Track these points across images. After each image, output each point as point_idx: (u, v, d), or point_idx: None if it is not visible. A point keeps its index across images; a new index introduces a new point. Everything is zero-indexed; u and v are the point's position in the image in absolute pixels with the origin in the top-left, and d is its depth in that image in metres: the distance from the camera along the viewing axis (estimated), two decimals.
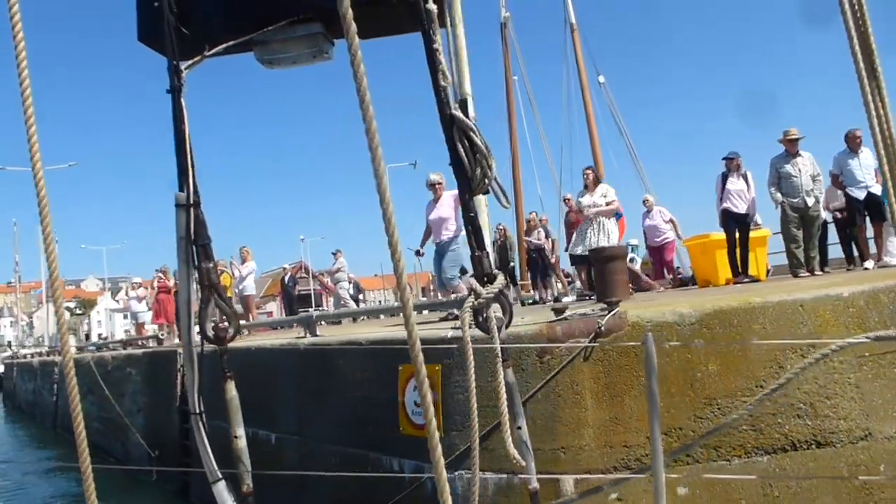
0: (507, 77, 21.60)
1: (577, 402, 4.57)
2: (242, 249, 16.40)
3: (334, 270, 18.31)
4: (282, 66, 2.61)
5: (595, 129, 20.36)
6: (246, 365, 8.40)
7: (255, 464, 2.37)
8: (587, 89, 20.74)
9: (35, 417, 24.63)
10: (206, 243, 2.38)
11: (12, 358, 35.76)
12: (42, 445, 19.53)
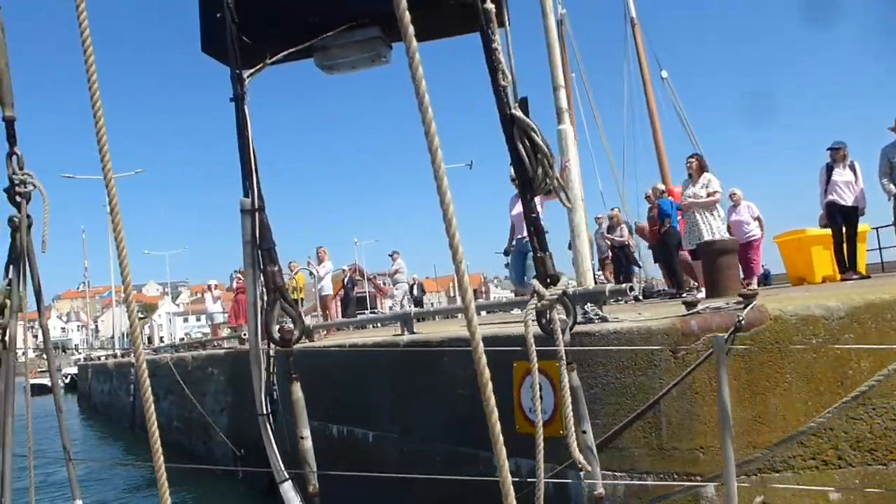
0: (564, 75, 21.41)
1: (717, 399, 4.40)
2: (319, 249, 16.53)
3: (392, 272, 18.43)
4: (341, 71, 2.64)
5: (658, 125, 19.90)
6: (340, 363, 8.46)
7: (351, 462, 2.35)
8: (649, 85, 20.28)
9: (111, 418, 25.44)
10: (270, 247, 2.42)
11: (87, 360, 37.10)
12: (120, 445, 20.19)
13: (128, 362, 24.11)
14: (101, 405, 28.84)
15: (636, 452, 4.42)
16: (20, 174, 2.66)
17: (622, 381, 4.54)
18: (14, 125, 2.70)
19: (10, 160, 2.67)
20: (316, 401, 9.73)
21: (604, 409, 4.56)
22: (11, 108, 2.67)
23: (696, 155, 10.36)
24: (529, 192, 2.12)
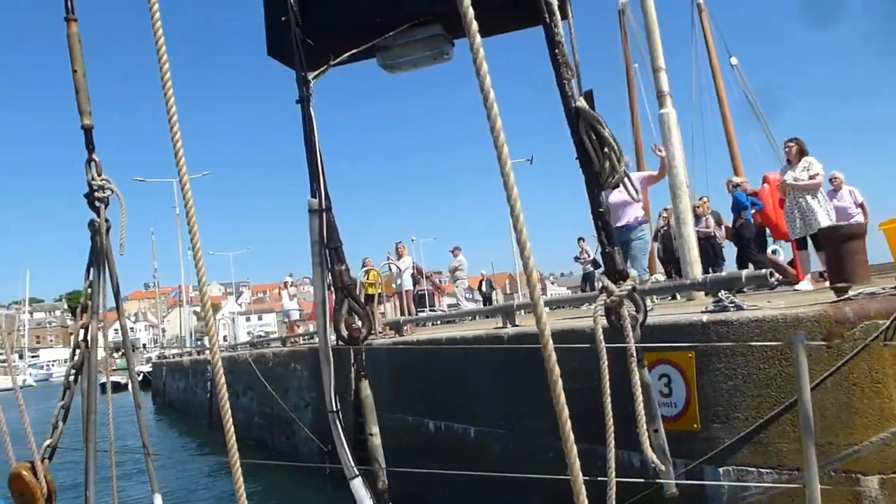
0: (627, 66, 20.95)
1: (878, 391, 4.12)
2: (398, 245, 16.60)
3: (453, 268, 18.41)
4: (403, 69, 2.65)
5: (729, 114, 19.27)
6: (435, 357, 8.35)
7: (450, 459, 2.27)
8: (718, 73, 19.65)
9: (188, 414, 26.11)
10: (337, 246, 2.45)
11: (160, 358, 38.31)
12: (198, 440, 20.74)
13: (204, 360, 24.64)
14: (176, 402, 29.59)
15: (784, 447, 4.23)
16: (99, 180, 2.76)
17: (766, 373, 4.36)
18: (92, 133, 2.81)
19: (89, 167, 2.78)
20: (410, 396, 9.74)
21: (745, 401, 4.40)
22: (89, 116, 2.77)
23: (795, 139, 9.78)
24: (596, 186, 2.09)
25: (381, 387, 10.75)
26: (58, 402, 3.02)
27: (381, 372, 10.91)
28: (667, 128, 8.72)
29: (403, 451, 9.44)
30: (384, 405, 10.45)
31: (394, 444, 10.79)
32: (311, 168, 2.43)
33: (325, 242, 2.42)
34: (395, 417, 9.95)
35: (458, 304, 17.68)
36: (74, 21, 2.74)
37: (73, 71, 2.71)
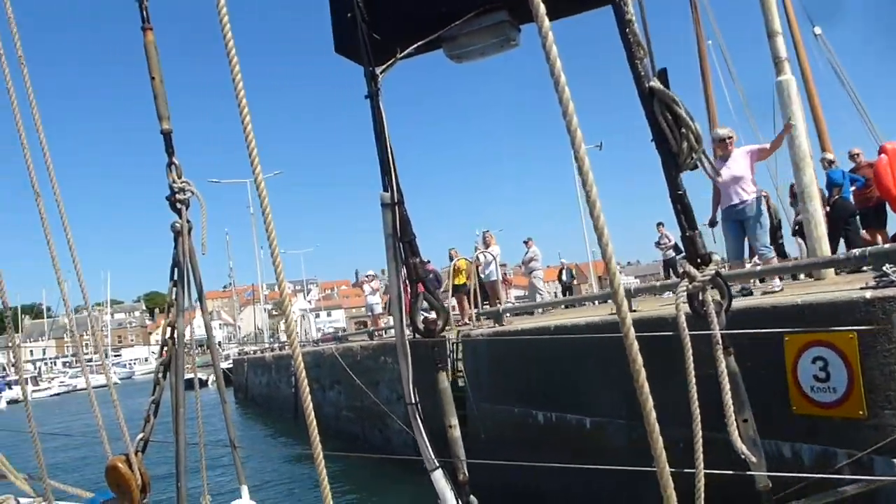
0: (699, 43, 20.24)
1: None
2: (486, 234, 16.35)
3: (528, 259, 18.21)
4: (470, 59, 2.63)
5: (813, 87, 18.31)
6: (543, 346, 8.13)
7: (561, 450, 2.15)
8: (801, 45, 18.65)
9: (272, 408, 26.73)
10: (411, 239, 2.45)
11: (241, 354, 39.43)
12: (283, 433, 21.26)
13: (287, 355, 25.07)
14: (259, 397, 30.24)
15: None
16: (179, 182, 2.84)
17: None
18: (171, 137, 2.89)
19: (170, 170, 2.86)
20: (514, 386, 9.63)
21: None
22: (168, 121, 2.86)
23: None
24: (674, 168, 2.02)
25: (481, 378, 10.70)
26: (148, 397, 3.14)
27: (482, 363, 10.77)
28: (786, 95, 8.29)
29: (507, 442, 9.38)
30: (485, 396, 10.36)
31: (497, 435, 10.69)
32: (382, 162, 2.44)
33: (398, 236, 2.43)
34: (499, 409, 9.82)
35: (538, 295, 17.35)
36: (150, 30, 2.82)
37: (150, 78, 2.79)
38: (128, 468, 2.88)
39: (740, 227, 7.69)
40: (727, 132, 7.93)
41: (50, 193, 2.91)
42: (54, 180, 2.89)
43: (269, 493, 12.68)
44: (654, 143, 2.03)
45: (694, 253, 2.02)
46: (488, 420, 10.17)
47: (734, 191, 7.55)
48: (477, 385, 10.66)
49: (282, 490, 12.92)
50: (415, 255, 2.44)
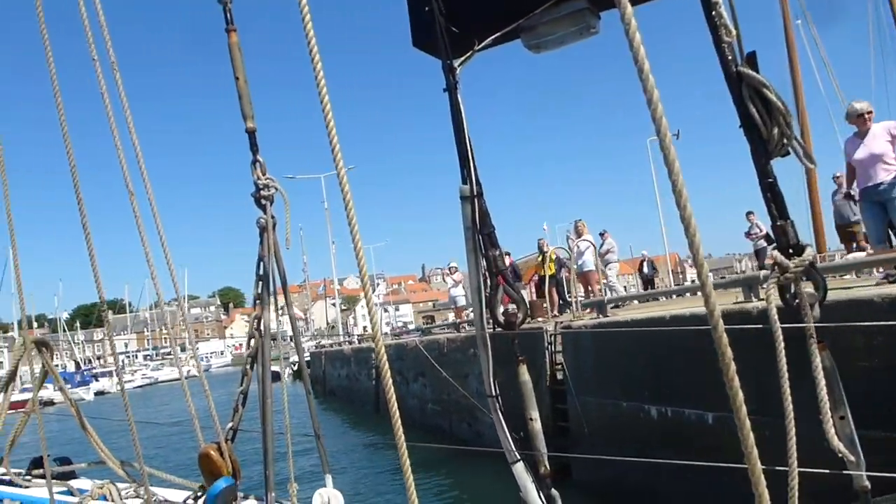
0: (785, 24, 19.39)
1: None
2: (578, 223, 16.02)
3: (604, 252, 17.90)
4: (549, 48, 2.60)
5: None
6: (651, 338, 7.96)
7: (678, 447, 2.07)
8: None
9: (353, 401, 27.12)
10: (490, 231, 2.45)
11: (318, 347, 40.20)
12: (365, 425, 21.58)
13: (367, 348, 25.27)
14: (338, 389, 30.69)
15: None
16: (264, 179, 2.93)
17: None
18: (255, 135, 2.98)
19: (255, 167, 2.95)
20: (623, 379, 9.30)
21: None
22: (252, 119, 2.94)
23: None
24: (764, 155, 1.94)
25: (584, 371, 10.41)
26: (228, 388, 3.25)
27: (585, 355, 10.50)
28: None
29: (614, 438, 9.12)
30: (589, 390, 10.08)
31: (603, 430, 10.42)
32: (460, 155, 2.44)
33: (478, 228, 2.43)
34: (605, 403, 9.57)
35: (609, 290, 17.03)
36: (234, 31, 2.91)
37: (235, 78, 2.88)
38: (219, 455, 2.99)
39: (882, 209, 7.18)
40: (865, 106, 7.39)
41: (143, 192, 3.05)
42: (147, 179, 3.03)
43: (353, 481, 12.92)
44: (742, 129, 1.96)
45: (786, 243, 1.94)
46: (593, 415, 9.89)
47: (874, 170, 7.06)
48: (579, 378, 10.39)
49: (365, 479, 13.16)
50: (494, 247, 2.43)
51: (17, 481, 4.23)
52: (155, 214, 3.08)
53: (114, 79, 2.98)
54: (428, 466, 12.72)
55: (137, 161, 3.00)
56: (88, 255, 3.26)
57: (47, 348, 4.45)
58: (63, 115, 3.01)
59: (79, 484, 4.14)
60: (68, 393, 4.62)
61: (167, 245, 3.14)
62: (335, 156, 1.86)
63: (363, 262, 2.09)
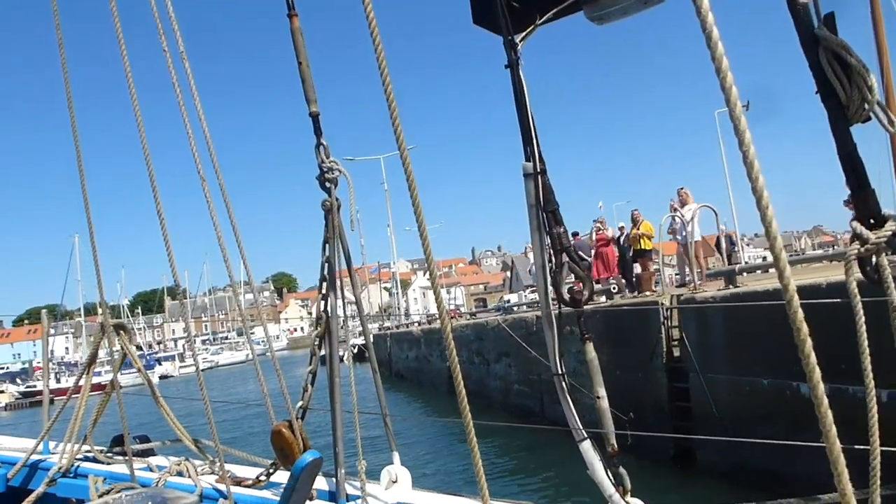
0: None
1: None
2: (681, 191, 15.06)
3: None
4: (613, 19, 2.53)
5: None
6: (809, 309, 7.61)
7: (847, 427, 1.88)
8: None
9: (422, 383, 26.89)
10: (554, 209, 2.42)
11: (381, 329, 40.49)
12: (437, 407, 21.48)
13: (439, 329, 25.03)
14: (406, 371, 30.59)
15: None
16: (328, 162, 2.97)
17: None
18: (318, 119, 3.01)
19: (318, 150, 2.99)
20: (761, 355, 8.60)
21: None
22: (315, 104, 2.98)
23: None
24: (843, 121, 1.85)
25: (711, 346, 9.84)
26: (296, 370, 3.33)
27: (712, 329, 9.92)
28: None
29: (753, 418, 8.66)
30: (717, 367, 9.53)
31: (736, 410, 9.79)
32: (523, 132, 2.42)
33: (541, 206, 2.40)
34: (740, 381, 9.04)
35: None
36: (296, 16, 2.94)
37: (298, 63, 2.92)
38: (290, 433, 3.07)
39: None
40: None
41: (214, 179, 3.13)
42: (217, 166, 3.11)
43: (421, 460, 13.06)
44: (818, 94, 1.87)
45: (866, 213, 1.85)
46: (723, 393, 9.39)
47: None
48: (705, 355, 9.89)
49: (432, 458, 13.26)
50: (558, 224, 2.41)
51: (100, 458, 4.44)
52: (226, 200, 3.16)
53: (183, 68, 3.06)
54: (535, 451, 12.54)
55: (208, 147, 3.08)
56: (164, 242, 3.37)
57: (125, 332, 4.64)
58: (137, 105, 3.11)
59: (157, 461, 4.33)
60: (147, 374, 4.82)
61: (239, 230, 3.22)
62: (398, 136, 1.87)
63: (428, 243, 2.09)
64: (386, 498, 3.27)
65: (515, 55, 2.41)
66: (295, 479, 2.14)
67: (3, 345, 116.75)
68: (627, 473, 2.51)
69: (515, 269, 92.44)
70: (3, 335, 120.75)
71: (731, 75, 1.51)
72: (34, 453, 4.44)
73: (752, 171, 1.50)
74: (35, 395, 48.70)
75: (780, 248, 1.54)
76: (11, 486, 4.32)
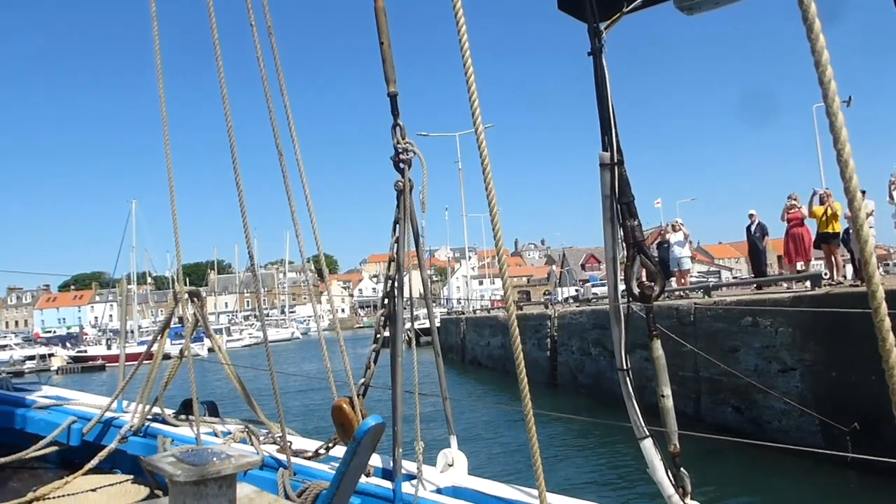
0: None
1: None
2: None
3: None
4: (704, 9, 2.46)
5: None
6: None
7: None
8: None
9: (509, 372, 24.38)
10: (629, 201, 2.38)
11: (452, 313, 39.97)
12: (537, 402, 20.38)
13: (539, 314, 23.23)
14: (487, 358, 28.13)
15: None
16: (403, 143, 2.98)
17: None
18: (396, 99, 3.03)
19: (395, 131, 3.01)
20: None
21: None
22: (394, 84, 3.00)
23: None
24: None
25: None
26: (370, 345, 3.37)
27: None
28: None
29: None
30: None
31: None
32: (602, 121, 2.38)
33: (616, 197, 2.37)
34: None
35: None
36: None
37: (380, 43, 2.94)
38: (351, 409, 3.12)
39: None
40: None
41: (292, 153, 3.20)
42: (296, 141, 3.17)
43: (479, 443, 12.94)
44: None
45: None
46: None
47: None
48: None
49: (493, 446, 13.06)
50: (633, 216, 2.37)
51: (169, 420, 4.62)
52: (302, 174, 3.22)
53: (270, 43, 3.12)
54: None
55: (288, 124, 3.14)
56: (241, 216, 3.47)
57: (199, 299, 4.80)
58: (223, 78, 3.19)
59: (222, 427, 4.47)
60: (217, 340, 4.97)
61: (312, 204, 3.28)
62: (473, 111, 1.87)
63: (499, 227, 2.08)
64: (441, 480, 3.29)
65: (599, 43, 2.38)
66: (357, 441, 2.18)
67: (48, 309, 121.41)
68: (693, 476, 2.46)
69: (567, 263, 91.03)
70: (49, 299, 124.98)
71: (830, 69, 1.45)
72: (108, 411, 4.64)
73: (847, 169, 1.44)
74: (86, 360, 49.53)
75: (871, 252, 1.48)
76: (86, 440, 4.54)
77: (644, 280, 2.47)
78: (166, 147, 3.66)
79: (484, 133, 1.91)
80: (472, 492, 3.14)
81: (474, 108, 1.92)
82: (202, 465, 2.18)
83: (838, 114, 1.43)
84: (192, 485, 2.13)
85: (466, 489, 3.18)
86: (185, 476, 2.12)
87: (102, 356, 49.59)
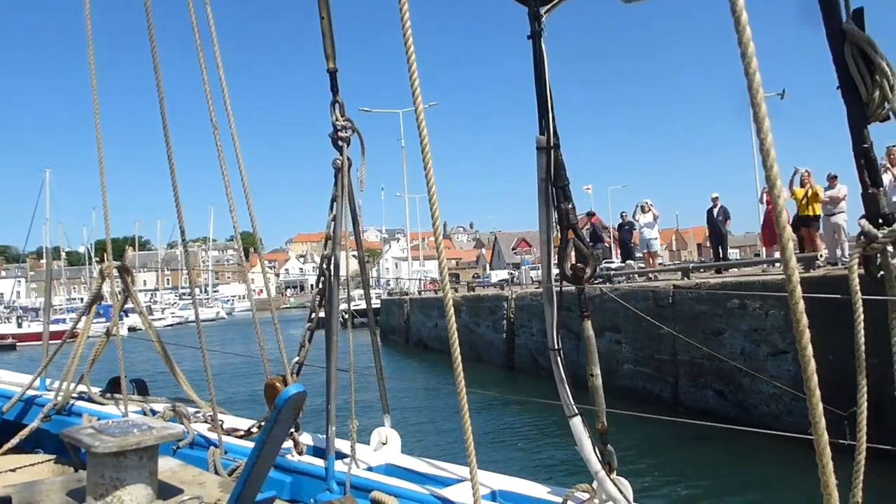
0: None
1: None
2: (894, 149, 12.68)
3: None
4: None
5: None
6: None
7: None
8: None
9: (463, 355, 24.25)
10: (564, 184, 2.43)
11: (394, 294, 39.02)
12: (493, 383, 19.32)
13: (494, 296, 22.37)
14: (434, 341, 26.77)
15: None
16: (342, 120, 2.96)
17: None
18: (336, 76, 3.00)
19: (334, 108, 2.98)
20: None
21: None
22: (334, 60, 2.97)
23: None
24: (862, 119, 1.84)
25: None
26: (304, 324, 3.35)
27: None
28: None
29: None
30: None
31: None
32: (539, 105, 2.41)
33: (552, 180, 2.41)
34: None
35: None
36: None
37: (320, 17, 2.90)
38: (284, 387, 3.10)
39: None
40: None
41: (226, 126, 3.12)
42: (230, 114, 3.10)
43: (410, 421, 12.86)
44: (839, 90, 1.87)
45: (875, 212, 1.86)
46: None
47: None
48: None
49: (428, 426, 12.95)
50: (567, 200, 2.42)
51: (96, 398, 4.50)
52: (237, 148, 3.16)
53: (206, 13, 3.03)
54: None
55: (223, 96, 3.07)
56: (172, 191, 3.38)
57: (128, 274, 4.67)
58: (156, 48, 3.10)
59: (152, 405, 4.38)
60: (147, 318, 4.85)
61: (247, 179, 3.22)
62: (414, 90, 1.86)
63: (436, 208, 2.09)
64: (374, 458, 3.32)
65: (539, 26, 2.40)
66: (278, 409, 2.16)
67: None
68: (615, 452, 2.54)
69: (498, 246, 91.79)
70: None
71: (756, 61, 1.50)
72: (30, 388, 4.49)
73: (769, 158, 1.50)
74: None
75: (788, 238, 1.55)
76: (6, 419, 4.38)
77: (576, 262, 2.52)
78: (96, 116, 3.54)
79: (424, 113, 1.91)
80: (404, 470, 3.17)
81: (415, 87, 1.91)
82: (122, 436, 2.15)
83: (762, 104, 1.49)
84: (112, 456, 2.10)
85: (399, 467, 3.21)
86: (104, 447, 2.08)
87: (13, 335, 46.65)
